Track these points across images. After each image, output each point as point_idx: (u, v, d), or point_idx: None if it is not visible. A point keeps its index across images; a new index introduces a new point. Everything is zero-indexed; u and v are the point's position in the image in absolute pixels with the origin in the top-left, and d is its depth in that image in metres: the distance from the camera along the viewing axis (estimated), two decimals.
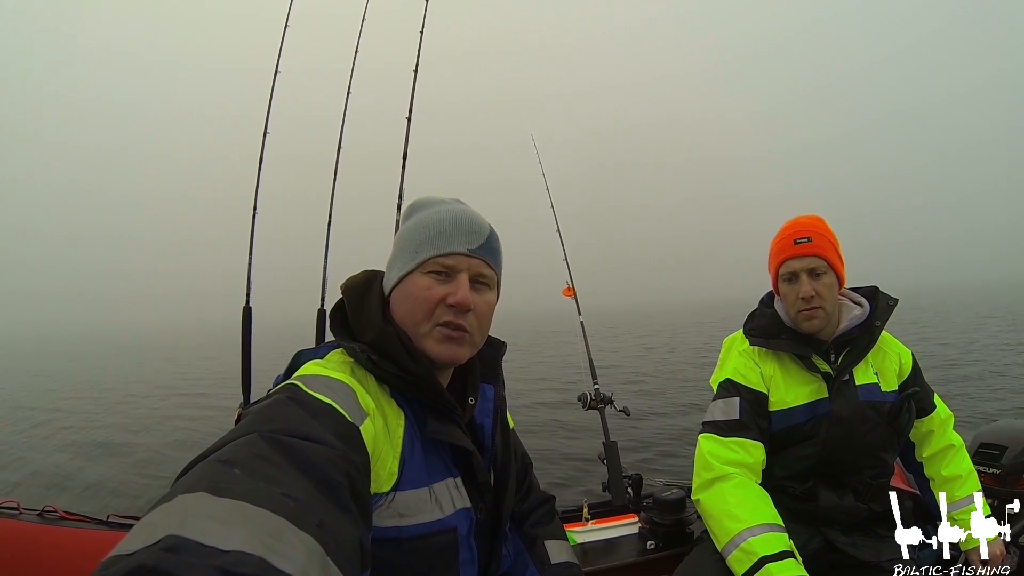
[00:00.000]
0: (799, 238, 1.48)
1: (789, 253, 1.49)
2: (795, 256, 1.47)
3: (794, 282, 1.48)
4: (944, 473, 1.55)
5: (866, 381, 1.51)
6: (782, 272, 1.51)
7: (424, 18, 2.64)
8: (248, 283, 2.36)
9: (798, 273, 1.47)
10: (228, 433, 0.61)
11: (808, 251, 1.46)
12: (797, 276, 1.47)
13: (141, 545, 0.41)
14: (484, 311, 0.89)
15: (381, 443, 0.76)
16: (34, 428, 10.05)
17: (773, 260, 1.54)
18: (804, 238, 1.47)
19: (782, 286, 1.52)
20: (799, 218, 1.53)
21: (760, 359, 1.55)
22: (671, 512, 1.88)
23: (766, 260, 1.59)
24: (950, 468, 1.55)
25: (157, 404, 12.07)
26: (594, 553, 1.86)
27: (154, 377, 17.96)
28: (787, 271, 1.49)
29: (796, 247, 1.47)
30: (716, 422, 1.49)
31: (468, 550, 0.85)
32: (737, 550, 1.27)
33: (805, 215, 1.55)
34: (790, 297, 1.50)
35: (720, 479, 1.39)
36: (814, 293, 1.45)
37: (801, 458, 1.50)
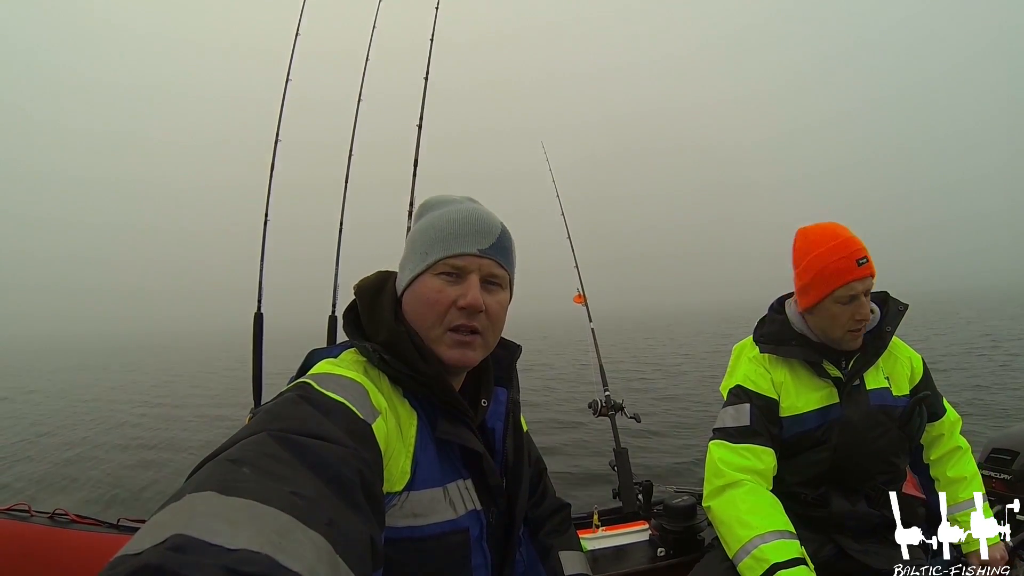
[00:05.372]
0: (861, 258, 1.41)
1: (855, 275, 1.41)
2: (859, 278, 1.41)
3: (850, 303, 1.42)
4: (949, 475, 1.55)
5: (877, 386, 1.50)
6: (840, 294, 1.42)
7: (434, 28, 2.67)
8: (260, 289, 2.38)
9: (859, 295, 1.42)
10: (238, 432, 0.61)
11: (868, 272, 1.41)
12: (856, 297, 1.42)
13: (148, 545, 0.41)
14: (496, 311, 0.89)
15: (393, 442, 0.76)
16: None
17: (829, 280, 1.42)
18: (863, 258, 1.41)
19: (833, 306, 1.44)
20: (849, 234, 1.45)
21: (771, 365, 1.54)
22: (682, 519, 1.86)
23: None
24: (955, 470, 1.55)
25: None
26: (604, 560, 1.85)
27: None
28: (848, 293, 1.42)
29: (860, 268, 1.41)
30: (727, 428, 1.48)
31: (481, 554, 0.85)
32: (748, 557, 1.26)
33: (838, 225, 1.47)
34: (842, 318, 1.43)
35: (731, 486, 1.38)
36: (870, 314, 1.44)
37: (813, 464, 1.48)
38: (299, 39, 2.67)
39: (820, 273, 1.43)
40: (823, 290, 1.43)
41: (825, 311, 1.45)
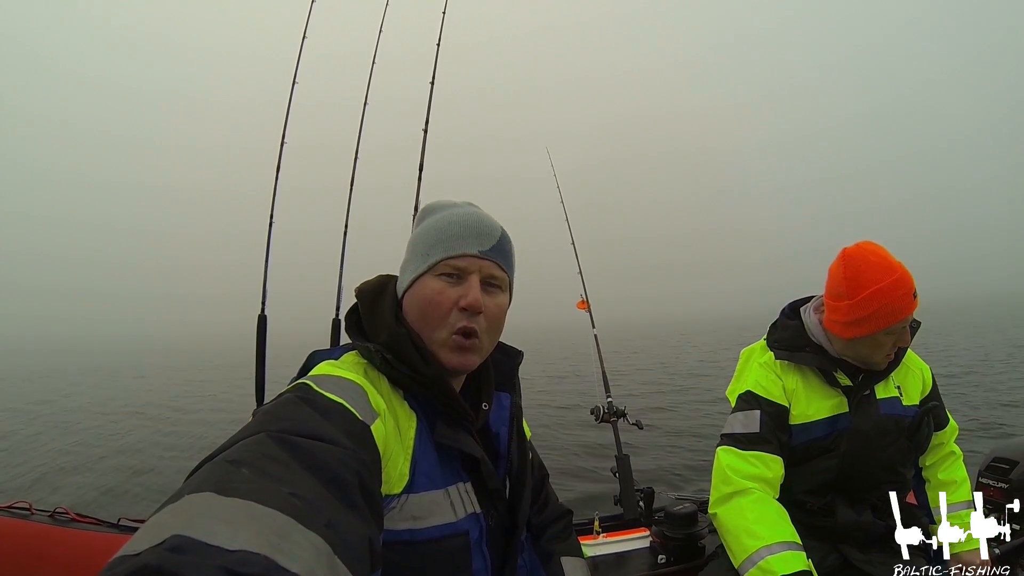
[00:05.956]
0: (915, 291, 1.37)
1: (912, 310, 1.38)
2: (913, 311, 1.39)
3: (896, 333, 1.40)
4: (940, 477, 1.57)
5: (887, 395, 1.49)
6: (896, 327, 1.38)
7: (440, 32, 2.68)
8: (264, 291, 2.39)
9: (906, 326, 1.41)
10: (237, 433, 0.61)
11: (917, 303, 1.38)
12: (905, 327, 1.41)
13: (147, 545, 0.41)
14: (495, 313, 0.89)
15: (392, 444, 0.76)
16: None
17: (890, 316, 1.37)
18: (916, 291, 1.38)
19: (884, 337, 1.40)
20: (901, 265, 1.39)
21: (783, 372, 1.52)
22: (683, 526, 1.86)
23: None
24: (946, 473, 1.57)
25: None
26: (605, 567, 1.85)
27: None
28: (902, 326, 1.39)
29: (914, 301, 1.37)
30: (735, 435, 1.47)
31: (481, 557, 0.84)
32: (754, 568, 1.25)
33: (885, 251, 1.42)
34: (887, 346, 1.41)
35: (739, 493, 1.37)
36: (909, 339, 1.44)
37: (820, 472, 1.47)
38: (306, 43, 2.68)
39: (879, 310, 1.36)
40: (879, 326, 1.38)
41: (872, 341, 1.41)
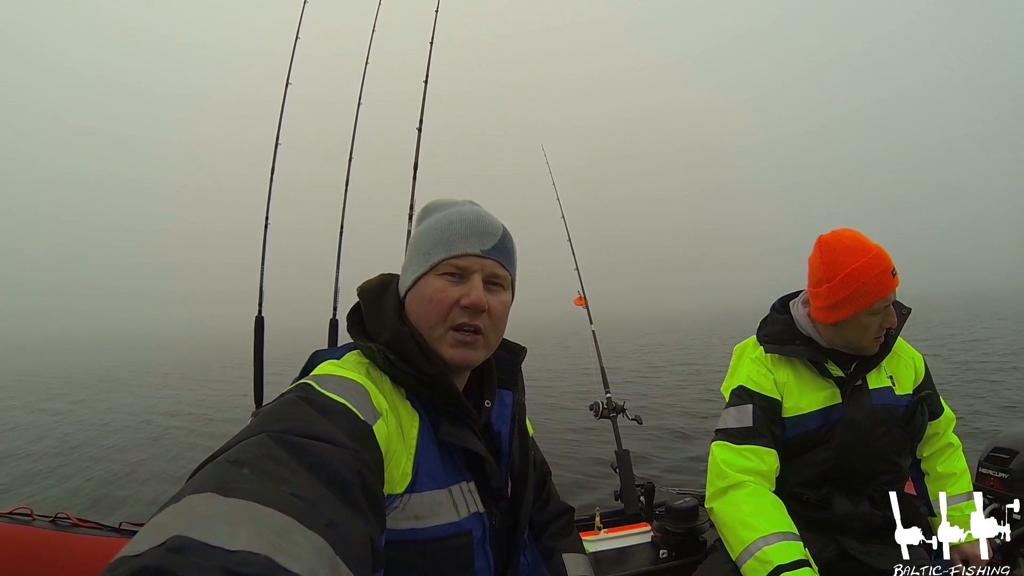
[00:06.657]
0: (893, 269, 1.39)
1: (891, 288, 1.39)
2: (893, 289, 1.40)
3: (880, 313, 1.41)
4: (939, 470, 1.57)
5: (879, 385, 1.50)
6: (877, 307, 1.39)
7: (433, 31, 2.67)
8: (260, 293, 2.38)
9: (889, 304, 1.42)
10: (238, 433, 0.61)
11: (897, 281, 1.40)
12: (887, 307, 1.42)
13: (147, 546, 0.41)
14: (498, 311, 0.89)
15: (394, 443, 0.76)
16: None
17: (868, 296, 1.38)
18: (894, 269, 1.39)
19: (866, 319, 1.41)
20: (876, 245, 1.41)
21: (773, 366, 1.54)
22: (684, 521, 1.86)
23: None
24: (945, 466, 1.57)
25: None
26: (606, 562, 1.85)
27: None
28: (883, 305, 1.40)
29: (893, 279, 1.39)
30: (729, 430, 1.48)
31: (484, 557, 0.84)
32: (752, 559, 1.26)
33: (858, 234, 1.44)
34: (873, 328, 1.42)
35: (734, 487, 1.38)
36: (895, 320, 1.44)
37: (815, 464, 1.48)
38: (299, 43, 2.67)
39: (858, 290, 1.38)
40: (860, 305, 1.39)
41: (857, 324, 1.42)
